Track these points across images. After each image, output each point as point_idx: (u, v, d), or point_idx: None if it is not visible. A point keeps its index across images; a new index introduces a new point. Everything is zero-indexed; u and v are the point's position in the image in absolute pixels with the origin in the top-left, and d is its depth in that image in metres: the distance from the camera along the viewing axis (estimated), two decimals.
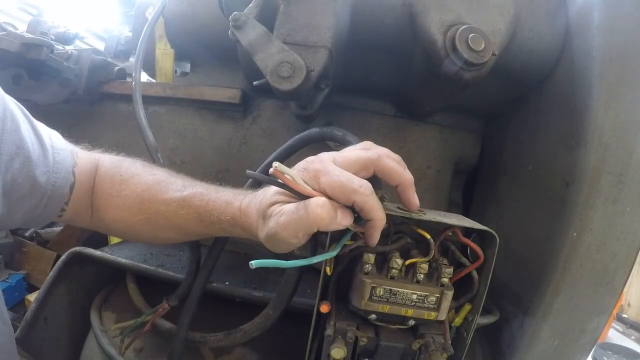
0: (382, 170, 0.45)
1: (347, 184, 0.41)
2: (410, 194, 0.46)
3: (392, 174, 0.45)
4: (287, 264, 0.43)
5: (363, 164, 0.45)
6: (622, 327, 4.01)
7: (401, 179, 0.45)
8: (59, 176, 0.55)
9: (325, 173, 0.43)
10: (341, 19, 0.61)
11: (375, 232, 0.44)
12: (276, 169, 0.41)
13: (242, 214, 0.50)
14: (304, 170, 0.45)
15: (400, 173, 0.45)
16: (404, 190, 0.46)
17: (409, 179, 0.46)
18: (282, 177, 0.42)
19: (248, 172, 0.45)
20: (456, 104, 0.80)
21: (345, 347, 0.48)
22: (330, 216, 0.41)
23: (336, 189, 0.42)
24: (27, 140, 0.51)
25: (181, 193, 0.56)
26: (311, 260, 0.44)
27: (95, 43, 2.22)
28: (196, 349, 0.69)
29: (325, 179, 0.42)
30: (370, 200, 0.42)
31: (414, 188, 0.47)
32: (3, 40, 0.78)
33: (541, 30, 0.65)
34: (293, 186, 0.42)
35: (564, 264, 0.59)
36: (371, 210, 0.42)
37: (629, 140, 0.55)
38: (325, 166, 0.43)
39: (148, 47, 0.81)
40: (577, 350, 0.67)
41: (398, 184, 0.46)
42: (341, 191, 0.42)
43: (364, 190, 0.41)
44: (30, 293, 1.58)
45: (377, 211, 0.42)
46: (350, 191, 0.41)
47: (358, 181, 0.42)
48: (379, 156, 0.45)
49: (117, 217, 0.59)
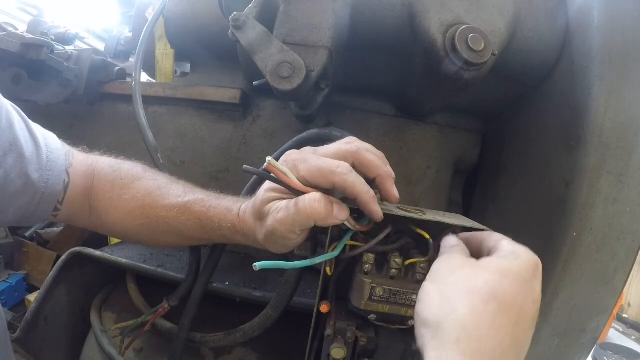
0: (360, 163, 0.45)
1: (325, 167, 0.42)
2: (389, 185, 0.47)
3: (370, 167, 0.45)
4: (290, 265, 0.43)
5: (342, 155, 0.45)
6: (622, 327, 4.01)
7: (379, 171, 0.46)
8: (52, 174, 0.55)
9: (303, 161, 0.43)
10: (341, 19, 0.61)
11: (368, 206, 0.43)
12: (269, 163, 0.41)
13: (241, 221, 0.51)
14: (284, 162, 0.45)
15: (379, 165, 0.46)
16: (382, 182, 0.46)
17: (387, 172, 0.46)
18: (276, 172, 0.42)
19: (245, 167, 0.45)
20: (456, 104, 0.80)
21: (345, 347, 0.48)
22: (327, 210, 0.41)
23: (314, 173, 0.42)
24: (21, 138, 0.52)
25: (182, 199, 0.56)
26: (314, 261, 0.44)
27: (95, 43, 2.22)
28: (196, 349, 0.69)
29: (303, 166, 0.43)
30: (349, 177, 0.42)
31: (392, 181, 0.47)
32: (3, 40, 0.78)
33: (541, 30, 0.65)
34: (287, 182, 0.42)
35: (564, 264, 0.59)
36: (353, 186, 0.42)
37: (629, 140, 0.55)
38: (303, 156, 0.44)
39: (148, 47, 0.81)
40: (577, 350, 0.67)
41: (376, 176, 0.46)
42: (320, 174, 0.42)
43: (342, 169, 0.42)
44: (30, 293, 1.58)
45: (359, 186, 0.42)
46: (329, 173, 0.42)
47: (335, 163, 0.42)
48: (358, 149, 0.45)
49: (118, 220, 0.59)
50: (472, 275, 0.36)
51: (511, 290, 0.35)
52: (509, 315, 0.34)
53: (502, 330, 0.33)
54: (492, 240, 0.42)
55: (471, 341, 0.33)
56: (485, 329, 0.33)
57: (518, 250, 0.38)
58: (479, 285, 0.35)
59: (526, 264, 0.37)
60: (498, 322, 0.33)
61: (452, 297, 0.35)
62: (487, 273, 0.36)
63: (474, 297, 0.34)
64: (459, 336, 0.33)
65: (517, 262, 0.37)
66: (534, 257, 0.38)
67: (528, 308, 0.35)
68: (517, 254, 0.38)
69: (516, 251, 0.38)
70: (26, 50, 0.79)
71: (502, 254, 0.38)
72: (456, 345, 0.33)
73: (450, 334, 0.33)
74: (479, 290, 0.35)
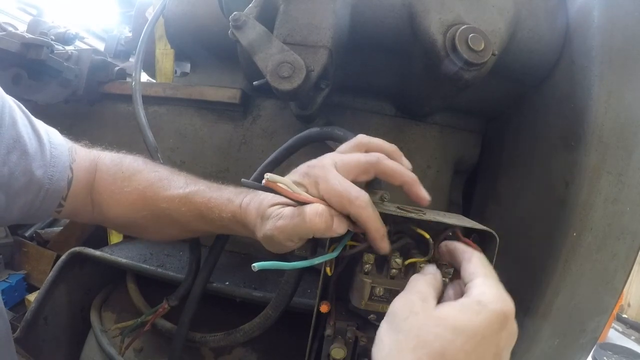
0: (382, 172, 0.45)
1: (344, 194, 0.42)
2: (417, 189, 0.46)
3: (394, 175, 0.45)
4: (289, 266, 0.43)
5: (363, 168, 0.45)
6: (622, 327, 4.01)
7: (404, 178, 0.45)
8: (55, 170, 0.55)
9: (325, 180, 0.43)
10: (341, 19, 0.61)
11: (375, 242, 0.44)
12: (268, 180, 0.41)
13: (243, 212, 0.51)
14: (305, 175, 0.45)
15: (402, 172, 0.45)
16: (409, 189, 0.46)
17: (412, 177, 0.46)
18: (276, 187, 0.41)
19: (243, 180, 0.45)
20: (456, 104, 0.80)
21: (345, 347, 0.48)
22: (327, 225, 0.41)
23: (333, 197, 0.42)
24: (24, 135, 0.52)
25: (183, 190, 0.56)
26: (313, 261, 0.44)
27: (95, 43, 2.22)
28: (196, 349, 0.69)
29: (323, 186, 0.43)
30: (364, 212, 0.42)
31: (419, 184, 0.46)
32: (3, 40, 0.78)
33: (541, 30, 0.65)
34: (288, 194, 0.42)
35: (564, 264, 0.59)
36: (366, 222, 0.42)
37: (629, 140, 0.55)
38: (326, 173, 0.43)
39: (148, 47, 0.81)
40: (577, 350, 0.67)
41: (402, 183, 0.46)
42: (338, 201, 0.42)
43: (360, 202, 0.41)
44: (30, 293, 1.58)
45: (371, 223, 0.42)
46: (347, 202, 0.42)
47: (355, 192, 0.42)
48: (378, 159, 0.45)
49: (120, 213, 0.60)
50: (425, 326, 0.35)
51: (463, 351, 0.33)
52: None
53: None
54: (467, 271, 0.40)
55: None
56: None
57: (485, 299, 0.35)
58: (429, 340, 0.33)
59: (489, 318, 0.34)
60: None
61: (401, 347, 0.34)
62: (441, 328, 0.34)
63: (421, 351, 0.33)
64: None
65: (477, 318, 0.34)
66: (503, 306, 0.35)
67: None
68: (481, 305, 0.35)
69: (482, 300, 0.35)
70: (26, 50, 0.79)
71: (466, 302, 0.36)
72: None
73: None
74: (427, 344, 0.33)
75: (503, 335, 0.35)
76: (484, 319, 0.34)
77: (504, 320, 0.35)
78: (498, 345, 0.34)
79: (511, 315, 0.35)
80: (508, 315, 0.35)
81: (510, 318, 0.35)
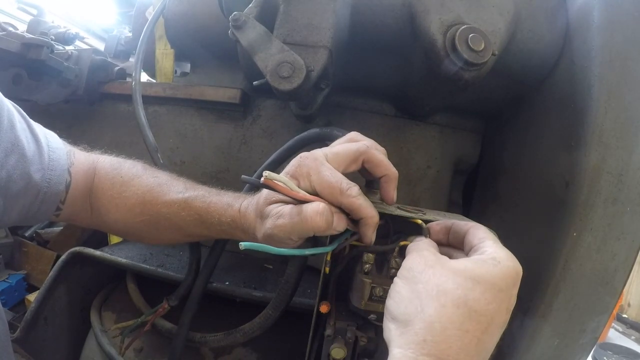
0: (369, 160, 0.46)
1: (336, 185, 0.42)
2: (392, 187, 0.48)
3: (380, 165, 0.46)
4: (275, 250, 0.42)
5: (352, 157, 0.46)
6: (622, 327, 4.01)
7: (387, 171, 0.47)
8: (54, 174, 0.55)
9: (317, 172, 0.44)
10: (341, 19, 0.61)
11: (367, 229, 0.44)
12: (266, 178, 0.41)
13: (242, 216, 0.51)
14: (297, 167, 0.45)
15: (387, 165, 0.47)
16: (386, 182, 0.47)
17: (394, 173, 0.47)
18: (275, 185, 0.42)
19: (243, 177, 0.46)
20: (456, 104, 0.80)
21: (345, 347, 0.48)
22: (327, 223, 0.42)
23: (325, 188, 0.43)
24: (22, 138, 0.52)
25: (183, 195, 0.56)
26: (303, 252, 0.45)
27: (95, 43, 2.22)
28: (196, 349, 0.69)
29: (315, 177, 0.44)
30: (357, 200, 0.42)
31: (396, 183, 0.48)
32: (3, 40, 0.78)
33: (541, 31, 0.65)
34: (287, 193, 0.42)
35: (564, 264, 0.59)
36: (359, 209, 0.43)
37: (629, 140, 0.55)
38: (318, 165, 0.44)
39: (148, 47, 0.81)
40: (577, 350, 0.67)
41: (383, 175, 0.47)
42: (330, 191, 0.43)
43: (351, 192, 0.42)
44: (30, 293, 1.58)
45: (365, 209, 0.43)
46: (338, 193, 0.42)
47: (346, 183, 0.43)
48: (367, 147, 0.46)
49: (119, 218, 0.59)
50: (444, 276, 0.35)
51: (484, 299, 0.34)
52: (479, 323, 0.33)
53: (469, 335, 0.33)
54: (476, 236, 0.41)
55: (437, 343, 0.32)
56: (452, 332, 0.33)
57: (499, 256, 0.37)
58: (450, 288, 0.34)
59: (505, 272, 0.35)
60: (466, 327, 0.33)
61: (422, 296, 0.35)
62: (461, 277, 0.35)
63: (444, 298, 0.34)
64: (425, 337, 0.33)
65: (494, 270, 0.35)
66: (515, 264, 0.36)
67: (499, 316, 0.35)
68: (496, 260, 0.36)
69: (497, 257, 0.36)
70: (26, 50, 0.79)
71: (482, 258, 0.37)
72: (422, 346, 0.33)
73: (417, 333, 0.33)
74: (449, 292, 0.34)
75: (514, 293, 0.36)
76: (501, 272, 0.35)
77: (516, 277, 0.36)
78: (510, 301, 0.36)
79: (520, 277, 0.37)
80: (519, 274, 0.37)
81: (520, 276, 0.37)
